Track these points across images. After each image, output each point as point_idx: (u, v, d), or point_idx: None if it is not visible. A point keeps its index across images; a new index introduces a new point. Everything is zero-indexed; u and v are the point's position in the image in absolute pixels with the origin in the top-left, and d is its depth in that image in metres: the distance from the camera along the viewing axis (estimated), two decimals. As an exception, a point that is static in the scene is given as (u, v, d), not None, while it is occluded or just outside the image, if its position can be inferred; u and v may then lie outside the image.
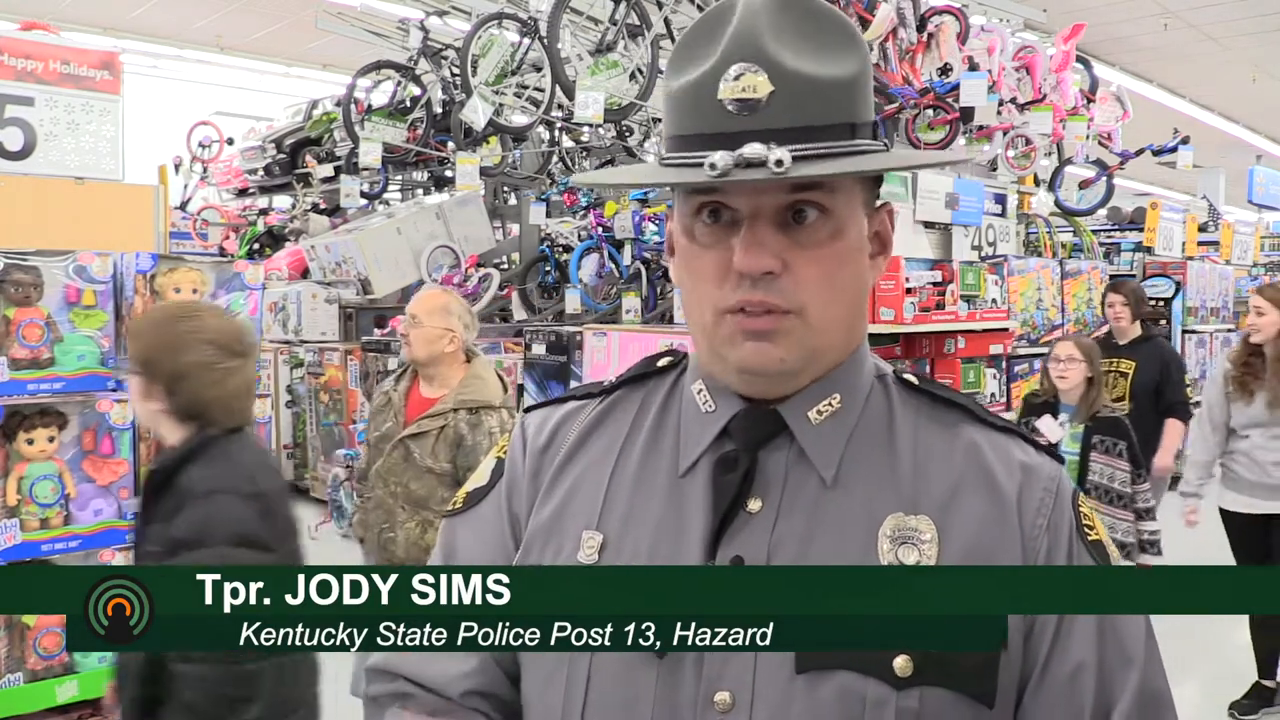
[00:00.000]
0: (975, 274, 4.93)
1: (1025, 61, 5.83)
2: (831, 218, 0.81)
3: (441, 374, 2.86)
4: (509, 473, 0.95)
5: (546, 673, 0.85)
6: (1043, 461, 0.86)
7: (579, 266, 5.79)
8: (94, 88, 2.84)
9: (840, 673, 0.77)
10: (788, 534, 0.82)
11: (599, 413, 0.95)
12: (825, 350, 0.84)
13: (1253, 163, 11.98)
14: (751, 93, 0.77)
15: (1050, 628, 0.81)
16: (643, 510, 0.87)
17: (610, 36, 5.90)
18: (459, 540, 0.95)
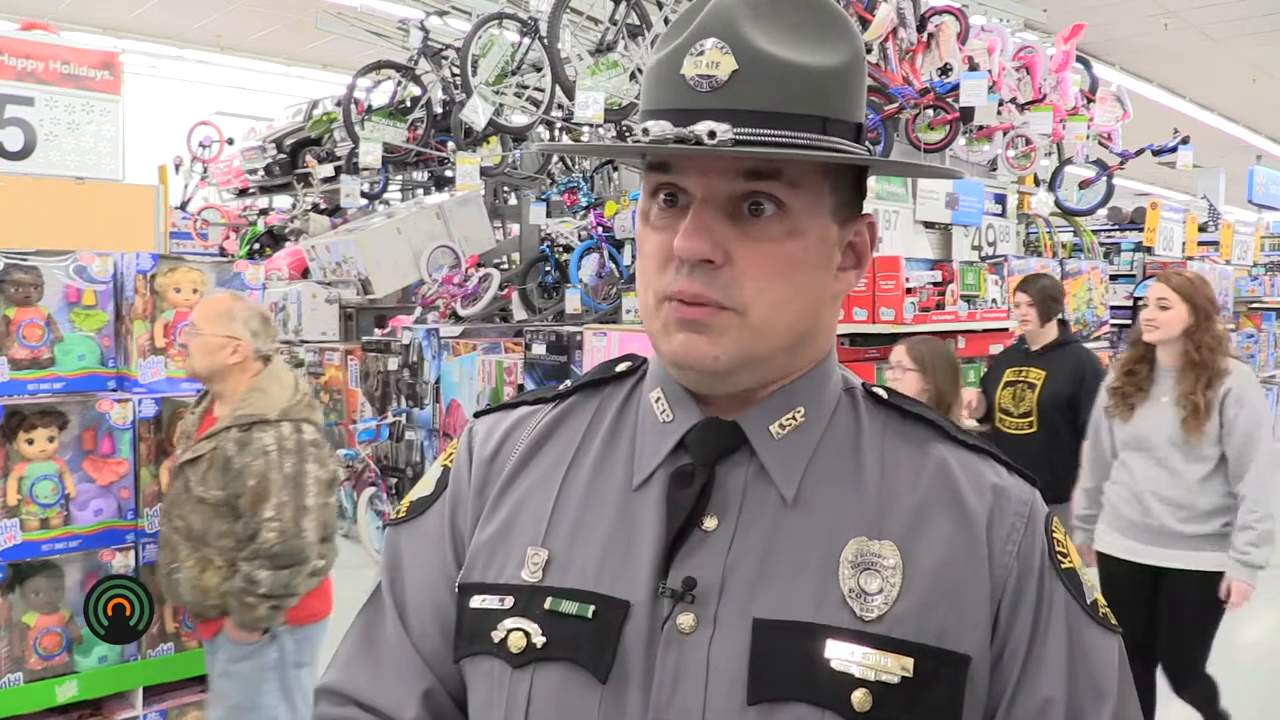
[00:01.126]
0: (975, 274, 4.93)
1: (1025, 61, 5.83)
2: (788, 215, 0.76)
3: (229, 389, 2.47)
4: (453, 484, 0.90)
5: (487, 696, 0.81)
6: (1015, 483, 0.82)
7: (579, 266, 5.79)
8: (94, 88, 2.84)
9: (794, 704, 0.73)
10: (744, 555, 0.77)
11: (551, 420, 0.90)
12: (768, 355, 0.78)
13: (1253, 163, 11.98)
14: (713, 69, 0.73)
15: (1019, 659, 0.77)
16: (592, 525, 0.81)
17: (610, 36, 5.90)
18: (404, 551, 0.91)
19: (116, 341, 2.57)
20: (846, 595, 0.75)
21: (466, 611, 0.83)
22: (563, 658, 0.77)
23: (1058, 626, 0.78)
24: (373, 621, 0.90)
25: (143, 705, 2.54)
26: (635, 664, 0.76)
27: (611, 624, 0.77)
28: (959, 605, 0.76)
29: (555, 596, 0.79)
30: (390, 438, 6.31)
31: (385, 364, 6.64)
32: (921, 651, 0.74)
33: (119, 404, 2.47)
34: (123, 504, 2.49)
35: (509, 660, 0.79)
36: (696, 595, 0.76)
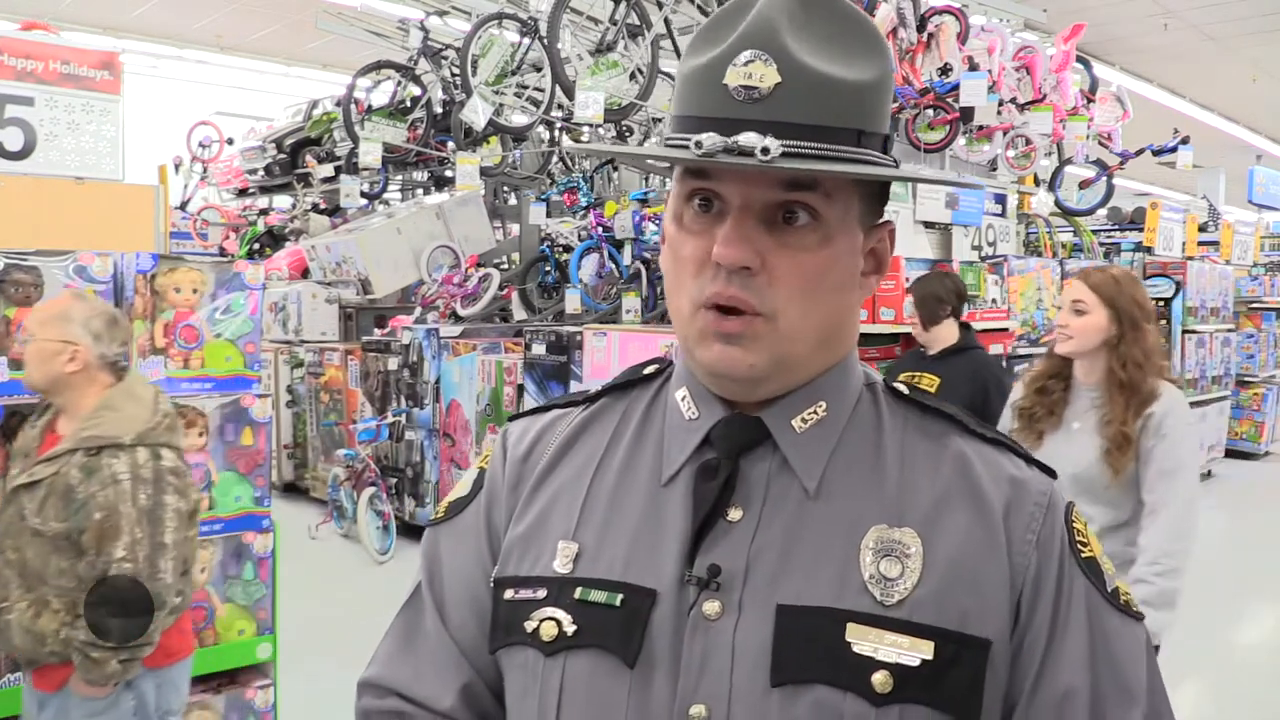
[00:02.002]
0: (975, 274, 4.93)
1: (1025, 61, 5.84)
2: (822, 224, 0.79)
3: (73, 403, 2.14)
4: (489, 484, 0.94)
5: (522, 684, 0.84)
6: (1033, 475, 0.84)
7: (579, 266, 5.79)
8: (94, 88, 2.84)
9: (816, 687, 0.75)
10: (767, 544, 0.80)
11: (581, 421, 0.93)
12: (796, 359, 0.81)
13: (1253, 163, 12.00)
14: (757, 81, 0.74)
15: (1040, 648, 0.78)
16: (621, 519, 0.85)
17: (610, 36, 5.90)
18: (443, 549, 0.95)
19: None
20: (867, 581, 0.77)
21: (501, 604, 0.87)
22: (593, 645, 0.80)
23: (1078, 615, 0.79)
24: (413, 617, 0.94)
25: (143, 705, 2.53)
26: (662, 650, 0.78)
27: (639, 611, 0.79)
28: (979, 591, 0.78)
29: (585, 586, 0.82)
30: (390, 438, 6.32)
31: (385, 364, 6.64)
32: (942, 635, 0.76)
33: (119, 404, 2.46)
34: (123, 504, 2.48)
35: (541, 649, 0.82)
36: (721, 582, 0.78)
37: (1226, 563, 6.24)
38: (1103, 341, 2.47)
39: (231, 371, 2.68)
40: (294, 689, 3.03)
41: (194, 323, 2.62)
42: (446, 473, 6.15)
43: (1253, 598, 5.56)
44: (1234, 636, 4.97)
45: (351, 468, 6.29)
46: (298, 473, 7.88)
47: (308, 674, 3.59)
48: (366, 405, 6.86)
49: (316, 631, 4.34)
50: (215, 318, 2.68)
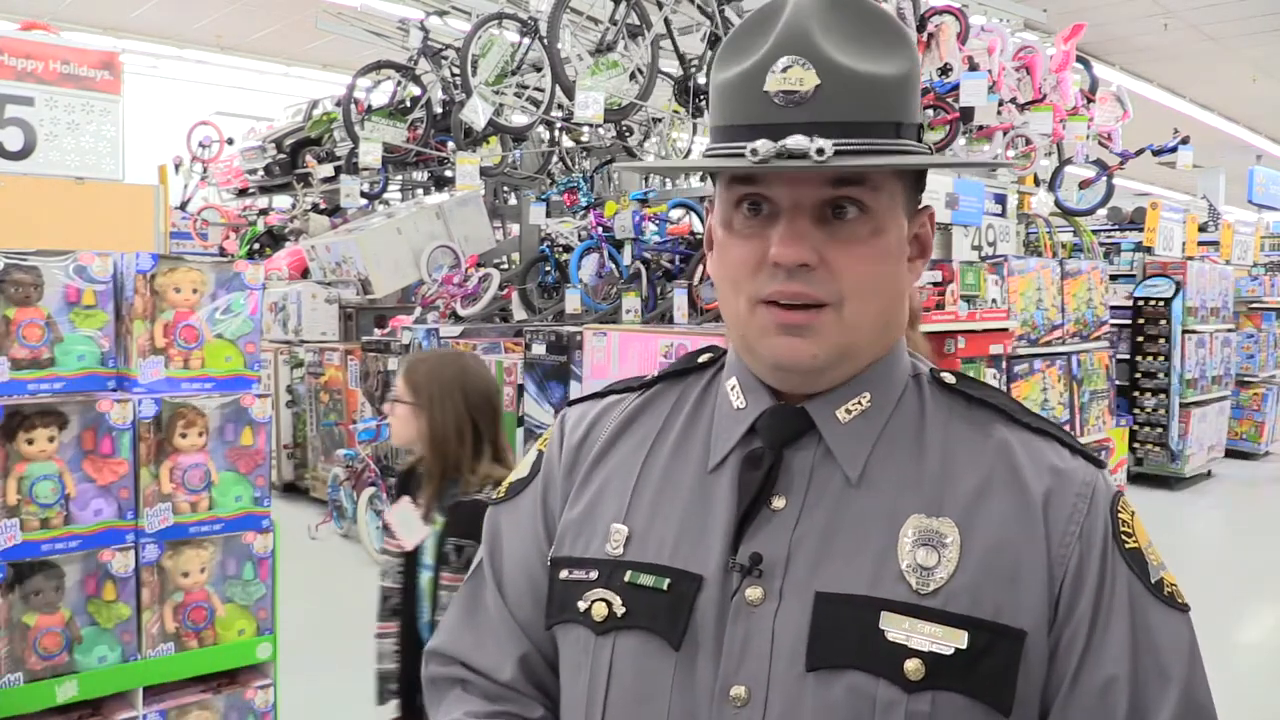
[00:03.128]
0: (975, 274, 4.93)
1: (1025, 61, 5.84)
2: (872, 216, 0.81)
3: None
4: (546, 467, 0.98)
5: (575, 661, 0.88)
6: (1078, 466, 0.84)
7: (579, 266, 5.79)
8: (94, 88, 2.84)
9: (850, 672, 0.77)
10: (809, 532, 0.82)
11: (635, 407, 0.97)
12: (857, 348, 0.84)
13: (1253, 163, 12.00)
14: (798, 85, 0.77)
15: (1080, 640, 0.79)
16: (669, 504, 0.88)
17: (610, 36, 5.89)
18: (503, 528, 0.99)
19: (116, 341, 2.57)
20: (904, 570, 0.79)
21: (557, 583, 0.91)
22: (641, 626, 0.84)
23: (1120, 606, 0.80)
24: (475, 591, 0.99)
25: (143, 705, 2.53)
26: (706, 633, 0.82)
27: (685, 596, 0.83)
28: (1016, 582, 0.79)
29: (634, 570, 0.86)
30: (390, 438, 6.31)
31: (385, 364, 6.64)
32: (977, 625, 0.77)
33: (119, 404, 2.47)
34: (123, 504, 2.49)
35: (593, 628, 0.86)
36: (763, 570, 0.81)
37: (1226, 563, 6.24)
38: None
39: (231, 371, 2.68)
40: (294, 689, 3.03)
41: (194, 323, 2.62)
42: (446, 473, 6.14)
43: (1252, 598, 5.56)
44: (1234, 636, 4.97)
45: (351, 468, 6.29)
46: (298, 473, 7.88)
47: (308, 674, 3.60)
48: (366, 405, 6.86)
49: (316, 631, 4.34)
50: (215, 318, 2.67)
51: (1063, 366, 5.85)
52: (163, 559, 2.53)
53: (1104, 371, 6.34)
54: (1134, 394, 8.22)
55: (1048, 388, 5.66)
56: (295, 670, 3.20)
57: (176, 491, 2.55)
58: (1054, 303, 5.86)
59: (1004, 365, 5.18)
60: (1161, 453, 8.12)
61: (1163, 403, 8.11)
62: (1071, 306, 6.03)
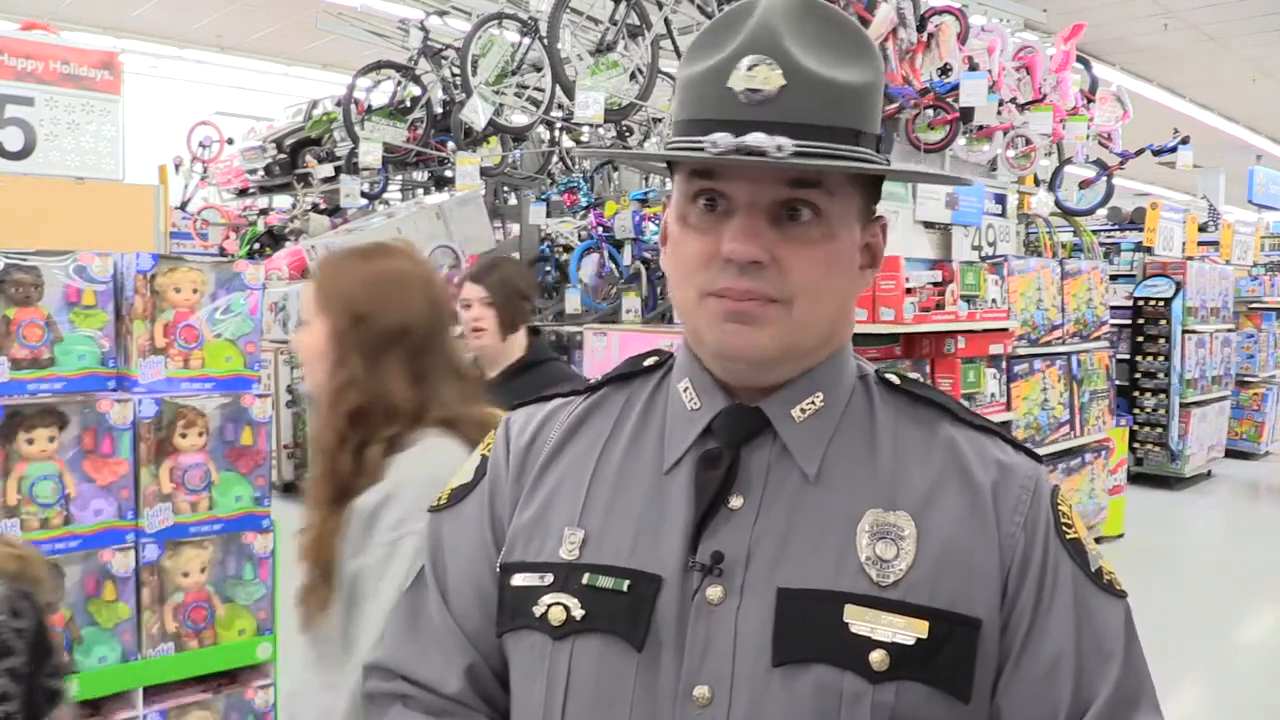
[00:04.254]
0: (975, 274, 4.93)
1: (1025, 61, 5.83)
2: (825, 220, 0.82)
3: None
4: (491, 472, 0.96)
5: (529, 668, 0.86)
6: (1020, 460, 0.87)
7: (579, 266, 5.79)
8: (94, 88, 2.84)
9: (817, 666, 0.78)
10: (768, 529, 0.83)
11: (583, 410, 0.96)
12: (803, 347, 0.85)
13: (1253, 163, 11.99)
14: (763, 84, 0.78)
15: (1025, 621, 0.81)
16: (625, 506, 0.87)
17: (610, 36, 5.89)
18: (445, 535, 0.97)
19: (116, 341, 2.57)
20: (864, 563, 0.80)
21: (508, 589, 0.89)
22: (601, 629, 0.83)
23: (1063, 591, 0.82)
24: (417, 602, 0.96)
25: (143, 705, 2.53)
26: (668, 633, 0.81)
27: (645, 596, 0.82)
28: (970, 572, 0.81)
29: (592, 572, 0.85)
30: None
31: (385, 364, 6.63)
32: (935, 615, 0.79)
33: (119, 404, 2.47)
34: (123, 504, 2.49)
35: (550, 633, 0.85)
36: (724, 568, 0.81)
37: (1227, 562, 6.24)
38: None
39: (231, 371, 2.68)
40: (294, 689, 3.03)
41: (194, 323, 2.62)
42: (446, 473, 6.15)
43: (1252, 598, 5.56)
44: (1234, 636, 4.97)
45: (351, 468, 6.27)
46: (298, 473, 7.87)
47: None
48: (366, 405, 6.85)
49: (316, 631, 4.34)
50: (215, 318, 2.67)
51: (1063, 366, 5.84)
52: (163, 559, 2.53)
53: (1104, 371, 6.34)
54: (1134, 394, 8.22)
55: (1048, 388, 5.65)
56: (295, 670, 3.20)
57: (176, 491, 2.55)
58: (1054, 303, 5.86)
59: (1004, 365, 5.18)
60: (1161, 453, 8.12)
61: (1163, 403, 8.11)
62: (1071, 306, 6.03)
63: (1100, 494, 6.07)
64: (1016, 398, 5.33)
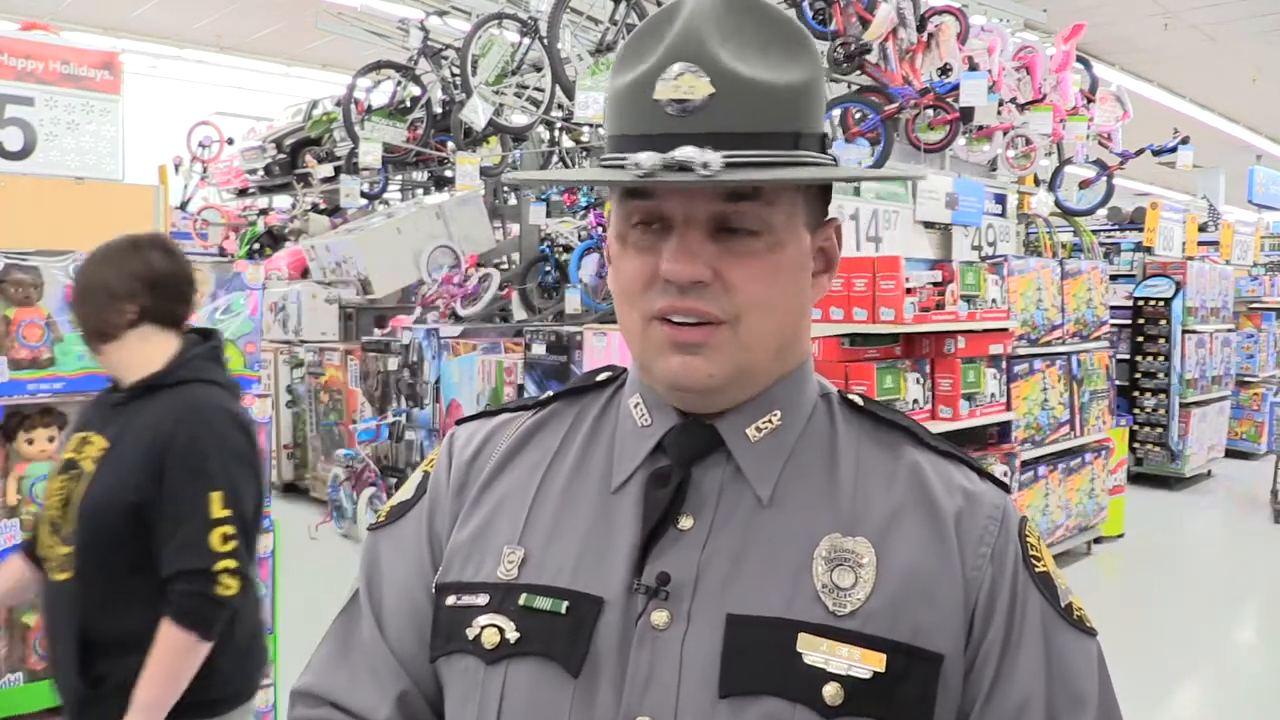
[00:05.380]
0: (975, 274, 4.93)
1: (1025, 61, 5.83)
2: (769, 230, 0.77)
3: None
4: (432, 488, 0.92)
5: (462, 694, 0.82)
6: (986, 489, 0.83)
7: (579, 266, 5.79)
8: (94, 88, 2.84)
9: (765, 699, 0.73)
10: (719, 552, 0.78)
11: (531, 425, 0.91)
12: (755, 366, 0.80)
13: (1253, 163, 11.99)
14: (689, 94, 0.73)
15: (993, 661, 0.77)
16: (569, 525, 0.83)
17: (610, 36, 5.89)
18: (382, 555, 0.92)
19: (116, 341, 2.56)
20: (819, 591, 0.76)
21: (443, 610, 0.84)
22: (536, 653, 0.78)
23: (1032, 629, 0.78)
24: (349, 625, 0.91)
25: (143, 705, 2.53)
26: (608, 659, 0.77)
27: (585, 619, 0.78)
28: (933, 603, 0.77)
29: (530, 593, 0.80)
30: (390, 438, 6.31)
31: (385, 364, 6.64)
32: (894, 648, 0.74)
33: (119, 404, 2.46)
34: (123, 504, 2.49)
35: (483, 656, 0.80)
36: (670, 592, 0.77)
37: (1226, 562, 6.24)
38: None
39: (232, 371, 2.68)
40: (294, 689, 3.03)
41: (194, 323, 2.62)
42: (446, 473, 6.15)
43: (1252, 598, 5.56)
44: (1233, 636, 4.98)
45: (351, 468, 6.29)
46: (298, 473, 7.88)
47: (308, 674, 3.59)
48: (366, 405, 6.86)
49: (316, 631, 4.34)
50: (215, 318, 2.67)
51: (1063, 366, 5.84)
52: (163, 559, 2.53)
53: (1104, 371, 6.35)
54: (1134, 394, 8.23)
55: (1048, 388, 5.65)
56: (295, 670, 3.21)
57: (176, 491, 2.54)
58: (1054, 303, 5.86)
59: (1004, 365, 5.18)
60: (1161, 453, 8.12)
61: (1163, 403, 8.11)
62: (1071, 306, 6.03)
63: (1100, 494, 6.08)
64: (1016, 398, 5.33)
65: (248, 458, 1.84)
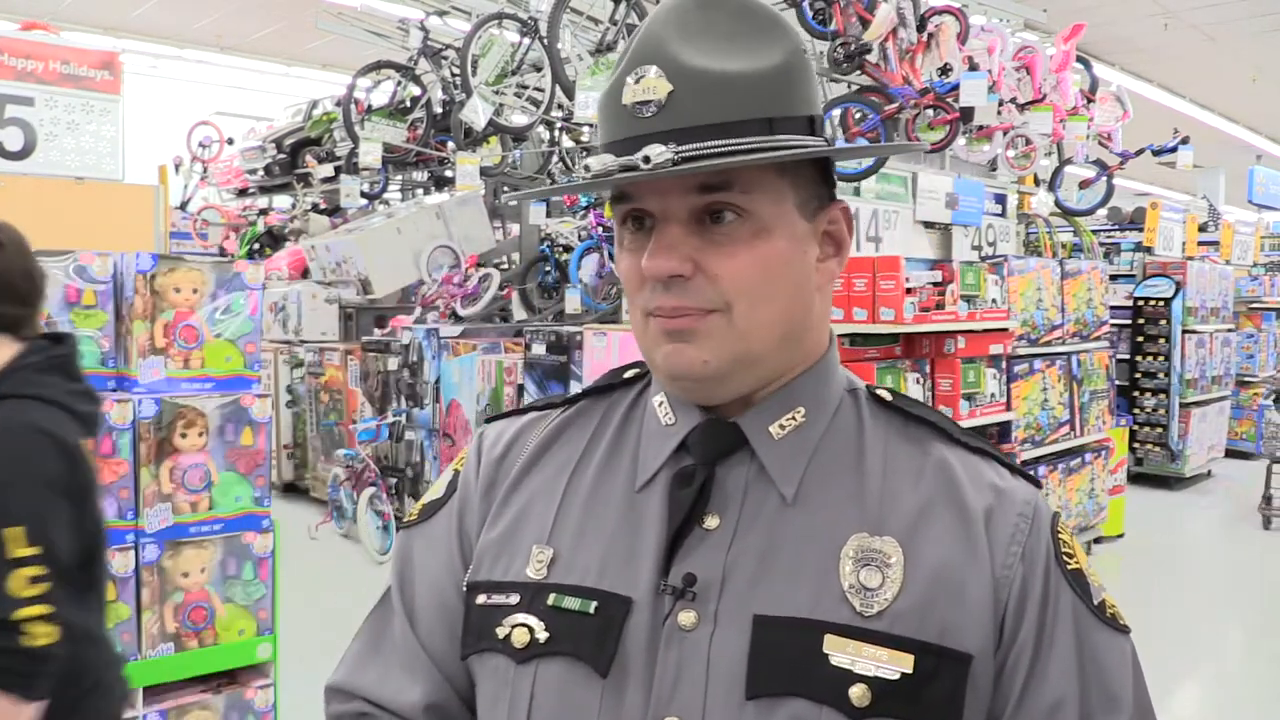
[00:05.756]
0: (975, 274, 4.94)
1: (1025, 61, 5.83)
2: (751, 218, 0.77)
3: None
4: (462, 488, 0.93)
5: (493, 692, 0.83)
6: (1017, 485, 0.82)
7: (579, 266, 5.79)
8: (94, 88, 2.84)
9: (792, 700, 0.73)
10: (745, 552, 0.78)
11: (559, 424, 0.92)
12: (754, 354, 0.79)
13: (1253, 163, 11.99)
14: (651, 94, 0.75)
15: (1025, 662, 0.77)
16: (596, 525, 0.83)
17: (610, 36, 5.89)
18: (414, 553, 0.93)
19: (116, 341, 2.57)
20: (847, 591, 0.76)
21: (473, 609, 0.85)
22: (565, 652, 0.79)
23: (1065, 628, 0.78)
24: (382, 622, 0.93)
25: (143, 705, 2.54)
26: (636, 659, 0.77)
27: (613, 620, 0.78)
28: (961, 603, 0.76)
29: (559, 593, 0.81)
30: (390, 438, 6.32)
31: (385, 364, 6.64)
32: (922, 649, 0.74)
33: (119, 404, 2.47)
34: (122, 504, 2.49)
35: (513, 656, 0.81)
36: (697, 592, 0.77)
37: (1226, 562, 6.24)
38: None
39: (231, 371, 2.68)
40: (294, 689, 3.03)
41: (194, 323, 2.62)
42: (446, 473, 6.15)
43: (1252, 598, 5.56)
44: (1233, 636, 4.98)
45: (351, 468, 6.29)
46: (298, 473, 7.88)
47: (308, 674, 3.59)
48: (366, 405, 6.86)
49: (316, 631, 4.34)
50: (215, 318, 2.67)
51: (1063, 366, 5.85)
52: (163, 559, 2.53)
53: (1104, 371, 6.35)
54: (1134, 394, 8.23)
55: (1048, 388, 5.66)
56: (295, 670, 3.20)
57: (176, 491, 2.55)
58: (1054, 303, 5.86)
59: (1004, 365, 5.18)
60: (1161, 453, 8.12)
61: (1163, 403, 8.11)
62: (1071, 306, 6.03)
63: (1100, 494, 6.08)
64: (1016, 398, 5.33)
65: (66, 485, 1.55)
